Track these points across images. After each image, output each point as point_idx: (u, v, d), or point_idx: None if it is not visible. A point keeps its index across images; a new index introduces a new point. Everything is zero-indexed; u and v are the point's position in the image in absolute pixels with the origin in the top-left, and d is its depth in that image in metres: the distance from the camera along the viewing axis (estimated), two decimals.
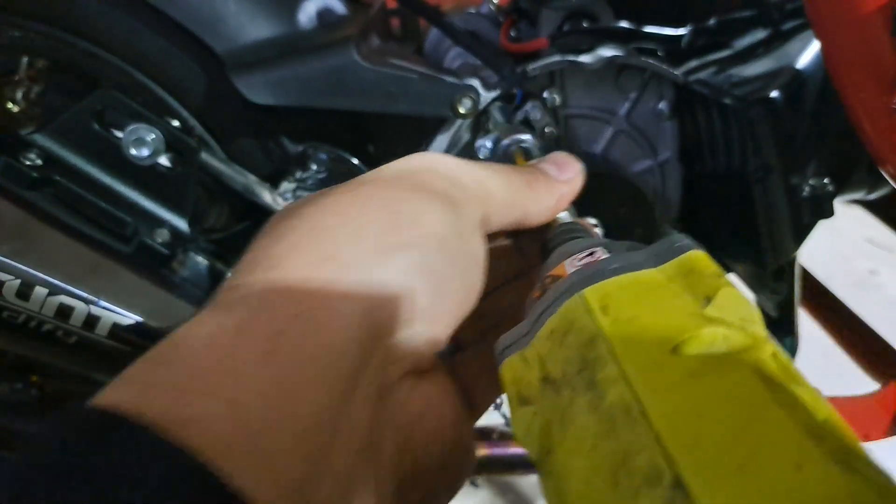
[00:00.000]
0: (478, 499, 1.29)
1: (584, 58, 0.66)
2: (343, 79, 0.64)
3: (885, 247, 2.22)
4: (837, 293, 0.94)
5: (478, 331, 0.35)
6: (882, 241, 2.23)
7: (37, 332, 0.65)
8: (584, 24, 0.72)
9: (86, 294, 0.64)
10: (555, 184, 0.36)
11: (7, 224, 0.64)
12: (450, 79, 0.65)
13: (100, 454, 0.20)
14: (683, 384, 0.20)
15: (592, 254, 0.28)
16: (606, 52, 0.66)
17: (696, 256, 0.25)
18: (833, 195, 0.64)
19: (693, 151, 0.72)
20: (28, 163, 0.63)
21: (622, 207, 0.69)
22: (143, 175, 0.66)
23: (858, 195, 0.72)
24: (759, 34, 0.70)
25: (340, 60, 0.64)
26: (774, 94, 0.60)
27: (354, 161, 0.71)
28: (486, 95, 0.65)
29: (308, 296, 0.25)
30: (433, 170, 0.31)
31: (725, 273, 0.25)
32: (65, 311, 0.64)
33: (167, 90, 0.70)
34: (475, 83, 0.65)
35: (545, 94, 0.69)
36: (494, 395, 0.34)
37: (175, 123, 0.68)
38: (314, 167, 0.71)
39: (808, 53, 0.61)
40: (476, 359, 0.34)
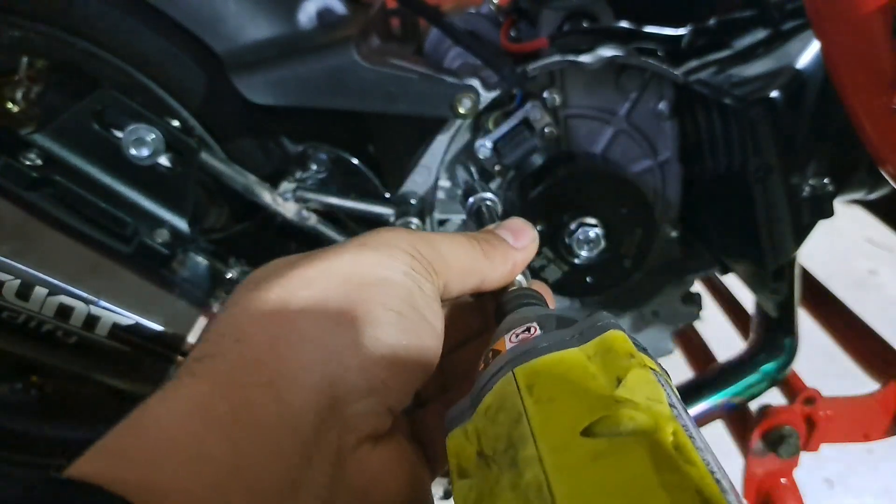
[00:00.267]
0: None
1: (585, 58, 0.66)
2: (343, 79, 0.64)
3: (885, 247, 2.22)
4: (837, 293, 0.94)
5: (439, 387, 0.38)
6: (882, 241, 2.23)
7: (37, 333, 0.65)
8: (584, 25, 0.72)
9: (86, 294, 0.64)
10: (510, 251, 0.38)
11: (7, 224, 0.63)
12: (450, 79, 0.65)
13: None
14: (587, 467, 0.22)
15: (529, 329, 0.31)
16: (606, 52, 0.66)
17: (614, 337, 0.27)
18: (833, 195, 0.64)
19: (693, 151, 0.72)
20: (28, 163, 0.63)
21: (622, 207, 0.69)
22: (143, 175, 0.66)
23: (858, 195, 0.72)
24: (760, 34, 0.70)
25: (340, 60, 0.64)
26: (774, 94, 0.60)
27: (354, 161, 0.71)
28: (486, 95, 0.65)
29: (270, 368, 0.28)
30: (394, 245, 0.33)
31: (641, 351, 0.27)
32: (65, 312, 0.64)
33: (167, 90, 0.70)
34: (475, 83, 0.65)
35: (545, 95, 0.69)
36: None
37: (175, 124, 0.68)
38: (314, 167, 0.71)
39: (809, 54, 0.61)
40: (437, 414, 0.35)
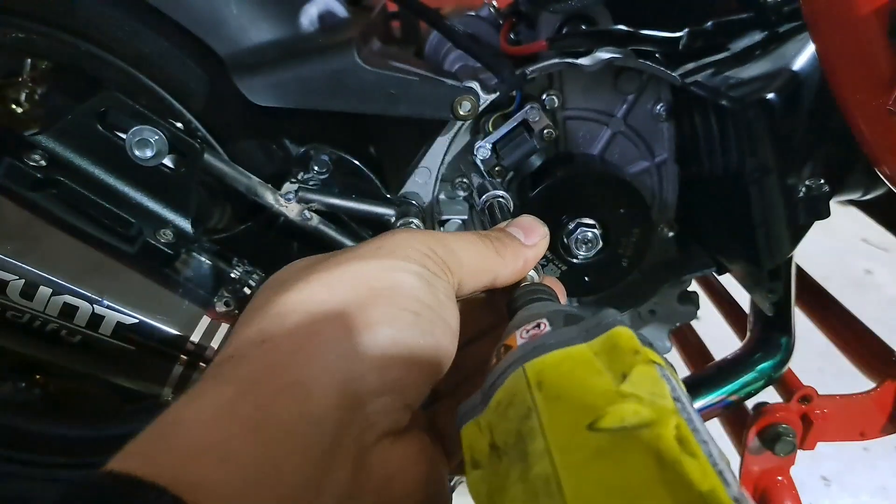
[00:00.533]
0: None
1: (583, 60, 0.66)
2: (344, 81, 0.64)
3: (881, 246, 2.23)
4: (833, 292, 0.95)
5: (455, 381, 0.39)
6: (878, 241, 2.24)
7: (41, 332, 0.66)
8: (583, 27, 0.73)
9: (90, 293, 0.65)
10: (521, 248, 0.40)
11: (11, 224, 0.64)
12: (450, 81, 0.66)
13: None
14: (593, 462, 0.23)
15: (539, 326, 0.32)
16: (604, 55, 0.66)
17: (620, 333, 0.28)
18: (829, 196, 0.64)
19: (690, 153, 0.72)
20: (32, 163, 0.63)
21: (620, 208, 0.69)
22: (147, 176, 0.66)
23: (854, 196, 0.73)
24: (756, 36, 0.70)
25: (342, 63, 0.64)
26: (771, 96, 0.60)
27: (356, 162, 0.71)
28: (486, 97, 0.66)
29: (293, 371, 0.29)
30: (409, 246, 0.34)
31: (647, 346, 0.28)
32: (69, 311, 0.65)
33: (170, 92, 0.70)
34: (475, 85, 0.66)
35: (544, 97, 0.70)
36: None
37: (178, 125, 0.69)
38: (316, 168, 0.71)
39: (805, 55, 0.62)
40: (453, 408, 0.37)
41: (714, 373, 0.86)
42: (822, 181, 0.64)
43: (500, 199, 0.60)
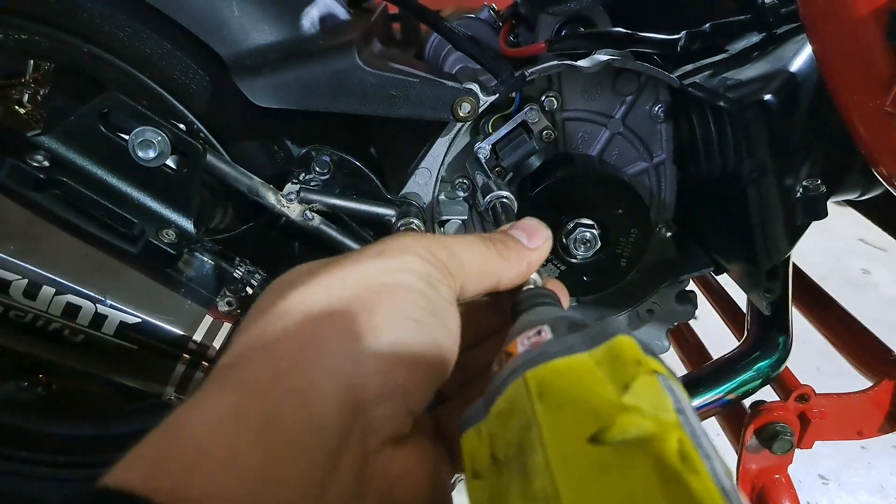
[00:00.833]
0: None
1: (582, 62, 0.67)
2: (345, 82, 0.65)
3: (878, 246, 2.24)
4: (831, 292, 0.95)
5: (459, 384, 0.39)
6: (875, 241, 2.25)
7: (44, 331, 0.66)
8: (582, 29, 0.73)
9: (93, 293, 0.65)
10: (524, 251, 0.39)
11: (15, 224, 0.64)
12: (450, 83, 0.66)
13: None
14: (594, 478, 0.23)
15: (540, 332, 0.32)
16: (603, 57, 0.67)
17: (623, 343, 0.28)
18: (826, 196, 0.65)
19: (688, 153, 0.73)
20: (35, 164, 0.63)
21: (618, 208, 0.70)
22: (150, 176, 0.66)
23: (852, 196, 0.73)
24: (754, 38, 0.71)
25: (343, 64, 0.65)
26: (769, 97, 0.60)
27: (357, 163, 0.72)
28: (486, 99, 0.66)
29: (297, 376, 0.29)
30: (411, 250, 0.34)
31: (650, 355, 0.28)
32: (72, 310, 0.65)
33: (172, 93, 0.71)
34: (474, 87, 0.66)
35: (543, 98, 0.70)
36: None
37: (180, 126, 0.69)
38: (317, 169, 0.72)
39: (803, 56, 0.62)
40: (457, 410, 0.36)
41: (712, 372, 0.86)
42: (820, 181, 0.64)
43: (504, 200, 0.60)
